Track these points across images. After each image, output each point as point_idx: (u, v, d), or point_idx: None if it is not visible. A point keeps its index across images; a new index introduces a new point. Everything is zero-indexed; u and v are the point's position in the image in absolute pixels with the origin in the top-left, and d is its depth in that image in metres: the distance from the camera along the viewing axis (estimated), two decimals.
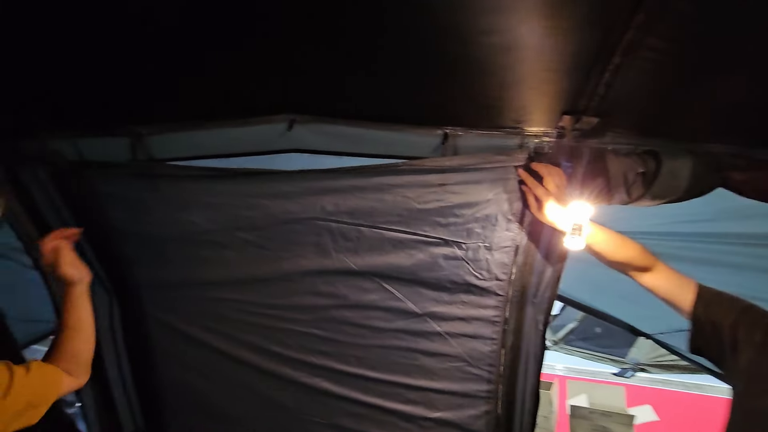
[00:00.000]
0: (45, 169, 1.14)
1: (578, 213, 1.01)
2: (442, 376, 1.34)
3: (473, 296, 1.26)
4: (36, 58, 0.89)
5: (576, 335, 4.75)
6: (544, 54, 0.86)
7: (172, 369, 1.44)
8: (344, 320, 1.30)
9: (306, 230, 1.19)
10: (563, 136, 1.03)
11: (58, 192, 1.18)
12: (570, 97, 0.96)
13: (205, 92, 1.04)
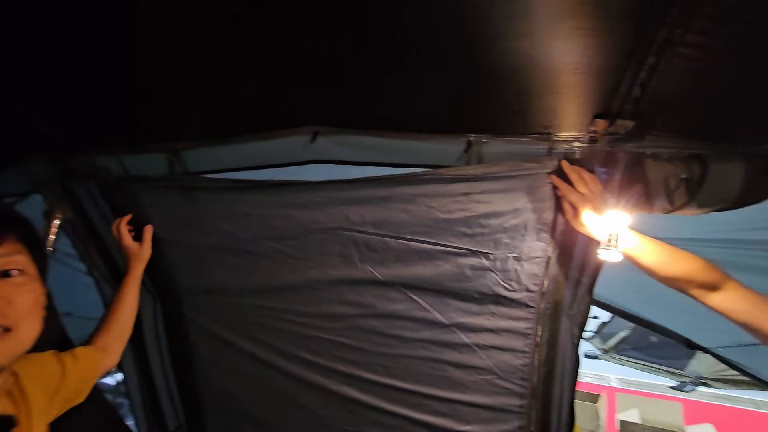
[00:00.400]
0: (95, 184, 1.23)
1: (614, 222, 0.95)
2: (472, 388, 1.31)
3: (503, 307, 1.22)
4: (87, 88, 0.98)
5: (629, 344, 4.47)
6: (573, 55, 0.82)
7: (210, 372, 1.51)
8: (371, 329, 1.30)
9: (332, 240, 1.20)
10: (596, 140, 0.97)
11: (107, 204, 1.28)
12: (602, 99, 0.90)
13: (233, 109, 1.08)
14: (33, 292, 0.72)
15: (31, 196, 1.27)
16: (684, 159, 0.92)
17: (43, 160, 1.21)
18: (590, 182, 0.98)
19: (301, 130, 1.10)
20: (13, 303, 0.67)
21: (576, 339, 1.28)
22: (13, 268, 0.69)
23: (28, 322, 0.70)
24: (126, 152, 1.19)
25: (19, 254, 0.71)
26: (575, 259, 1.15)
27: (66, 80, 0.96)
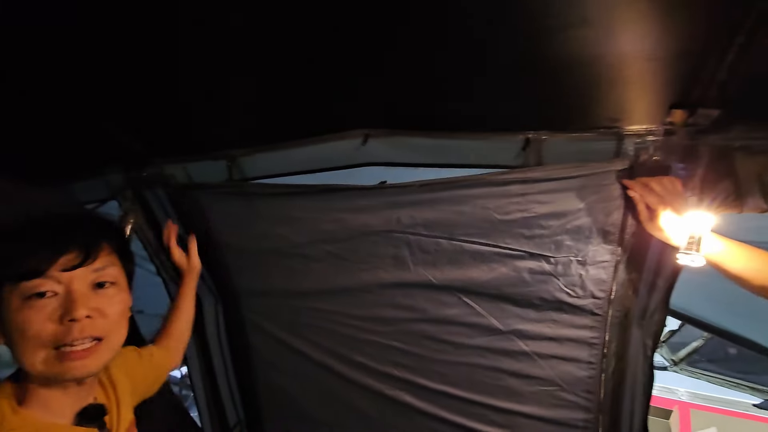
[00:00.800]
0: (162, 191, 1.31)
1: (696, 224, 0.85)
2: (531, 399, 1.24)
3: (565, 315, 1.15)
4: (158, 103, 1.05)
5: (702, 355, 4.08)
6: (645, 41, 0.75)
7: (268, 371, 1.56)
8: (424, 334, 1.27)
9: (384, 242, 1.19)
10: (673, 133, 0.88)
11: (173, 209, 1.35)
12: (680, 86, 0.82)
13: (286, 116, 1.11)
14: (122, 303, 0.76)
15: (107, 203, 1.37)
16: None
17: (119, 169, 1.31)
18: (668, 182, 0.89)
19: (352, 133, 1.10)
20: (106, 314, 0.71)
21: (649, 350, 1.17)
22: (107, 280, 0.73)
23: (117, 330, 0.74)
24: (190, 161, 1.26)
25: (113, 266, 0.75)
26: (648, 263, 1.05)
27: (142, 96, 1.04)
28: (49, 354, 0.66)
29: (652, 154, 0.92)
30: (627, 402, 1.23)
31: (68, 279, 0.68)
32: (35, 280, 0.65)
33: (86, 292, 0.70)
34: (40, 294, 0.66)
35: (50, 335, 0.65)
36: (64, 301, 0.67)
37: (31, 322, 0.65)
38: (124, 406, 0.85)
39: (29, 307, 0.65)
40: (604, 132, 0.93)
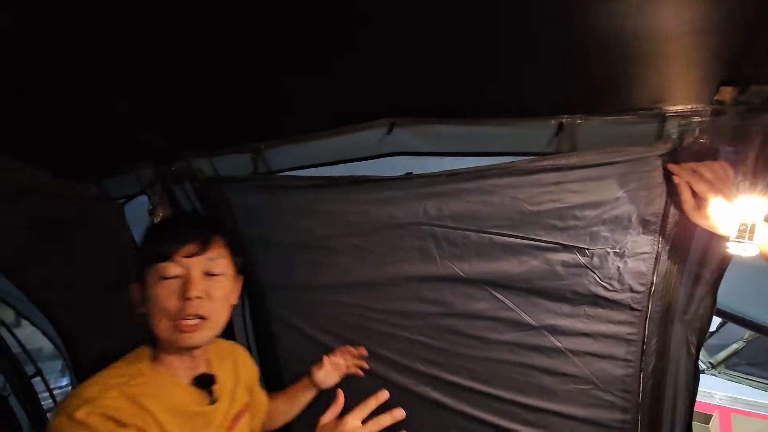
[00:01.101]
0: (190, 185, 1.33)
1: (748, 210, 0.79)
2: (565, 398, 1.19)
3: (601, 309, 1.09)
4: (185, 98, 1.06)
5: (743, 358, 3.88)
6: (690, 12, 0.70)
7: (292, 362, 1.55)
8: (452, 329, 1.24)
9: (410, 235, 1.17)
10: (722, 113, 0.82)
11: (200, 203, 1.37)
12: (730, 61, 0.76)
13: (310, 107, 1.10)
14: (226, 289, 0.94)
15: (137, 197, 1.40)
16: None
17: (148, 165, 1.34)
18: (719, 168, 0.83)
19: (377, 122, 1.09)
20: (213, 297, 0.89)
21: (694, 347, 1.11)
22: (218, 270, 0.91)
23: (220, 312, 0.92)
24: (216, 154, 1.27)
25: (223, 258, 0.93)
26: (693, 253, 0.99)
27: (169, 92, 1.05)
28: (169, 324, 0.85)
29: (698, 137, 0.86)
30: (668, 402, 1.16)
31: (188, 264, 0.87)
32: (165, 263, 0.86)
33: (200, 277, 0.88)
34: (168, 276, 0.86)
35: (172, 309, 0.85)
36: (184, 282, 0.86)
37: (160, 297, 0.85)
38: (240, 389, 1.06)
39: (160, 285, 0.86)
40: (645, 114, 0.88)
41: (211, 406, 0.93)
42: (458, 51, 0.86)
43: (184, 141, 1.27)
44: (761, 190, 0.81)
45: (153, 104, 1.10)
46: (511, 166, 0.99)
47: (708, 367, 4.92)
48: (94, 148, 1.30)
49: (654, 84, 0.84)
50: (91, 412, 0.74)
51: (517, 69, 0.88)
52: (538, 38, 0.79)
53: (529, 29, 0.77)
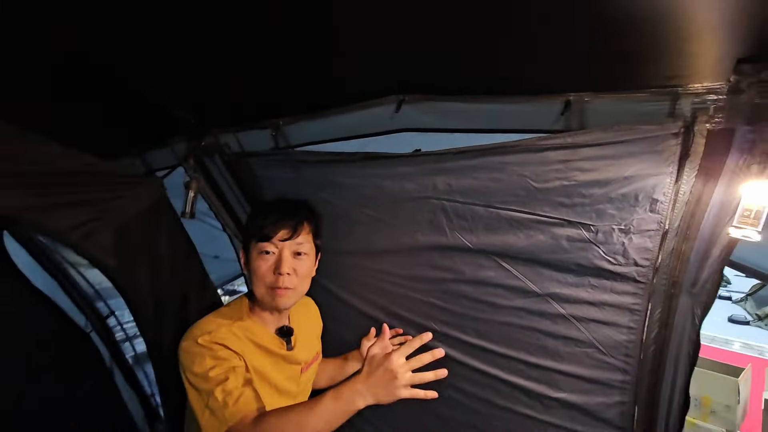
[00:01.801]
0: (220, 159, 1.43)
1: (755, 196, 0.77)
2: (567, 359, 1.26)
3: (605, 281, 1.12)
4: (209, 79, 1.14)
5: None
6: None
7: (325, 320, 1.72)
8: (462, 294, 1.32)
9: (422, 208, 1.22)
10: (739, 91, 0.77)
11: (230, 175, 1.48)
12: (748, 38, 0.71)
13: (323, 85, 1.13)
14: (309, 267, 1.19)
15: (176, 169, 1.54)
16: None
17: (182, 140, 1.45)
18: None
19: (387, 99, 1.11)
20: (298, 273, 1.13)
21: (698, 319, 1.12)
22: (302, 251, 1.15)
23: (304, 283, 1.18)
24: (240, 130, 1.35)
25: (308, 242, 1.17)
26: (702, 231, 0.98)
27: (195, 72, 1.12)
28: (266, 290, 1.11)
29: (712, 115, 0.82)
30: (670, 368, 1.21)
31: (281, 246, 1.12)
32: (265, 243, 1.10)
33: (289, 257, 1.12)
34: (267, 251, 1.11)
35: (268, 279, 1.10)
36: (278, 259, 1.11)
37: (260, 268, 1.10)
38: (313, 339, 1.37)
39: (261, 259, 1.11)
40: (657, 91, 0.85)
41: (289, 351, 1.20)
42: (466, 29, 0.85)
43: (211, 118, 1.36)
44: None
45: (183, 86, 1.19)
46: (518, 144, 1.00)
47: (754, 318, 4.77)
48: (136, 128, 1.42)
49: (666, 60, 0.80)
50: (210, 340, 1.04)
51: (526, 46, 0.86)
52: (547, 15, 0.76)
53: (539, 6, 0.74)
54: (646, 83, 0.84)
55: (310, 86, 1.16)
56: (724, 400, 3.10)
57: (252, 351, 1.11)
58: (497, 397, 1.41)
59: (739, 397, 3.07)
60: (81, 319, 2.18)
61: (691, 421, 3.24)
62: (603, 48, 0.82)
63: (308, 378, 1.31)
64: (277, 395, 1.16)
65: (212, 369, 1.00)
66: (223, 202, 1.58)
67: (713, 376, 3.16)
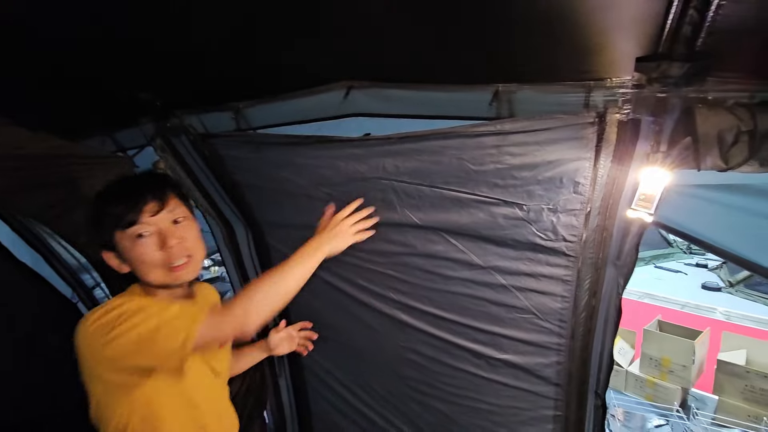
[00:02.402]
0: (186, 139, 1.49)
1: (650, 182, 0.86)
2: (510, 324, 1.39)
3: (540, 254, 1.23)
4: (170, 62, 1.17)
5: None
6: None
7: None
8: (415, 266, 1.43)
9: (374, 187, 1.30)
10: (641, 86, 0.85)
11: (197, 154, 1.54)
12: (648, 38, 0.78)
13: (279, 71, 1.18)
14: (194, 229, 1.07)
15: (145, 149, 1.59)
16: (750, 107, 0.77)
17: (149, 121, 1.50)
18: None
19: (337, 84, 1.16)
20: (187, 239, 1.02)
21: (621, 288, 1.25)
22: (180, 216, 1.03)
23: (199, 248, 1.06)
24: (203, 112, 1.40)
25: (180, 207, 1.05)
26: (621, 211, 1.08)
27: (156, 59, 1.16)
28: (162, 272, 0.99)
29: (621, 107, 0.90)
30: (599, 331, 1.34)
31: (155, 221, 0.98)
32: (135, 227, 0.96)
33: (170, 227, 1.00)
34: (140, 235, 0.97)
35: (159, 259, 0.98)
36: (159, 236, 0.98)
37: (144, 254, 0.97)
38: None
39: (139, 245, 0.97)
40: (574, 84, 0.92)
41: None
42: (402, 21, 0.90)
43: (176, 100, 1.41)
44: (670, 163, 0.86)
45: (147, 69, 1.23)
46: (454, 130, 1.07)
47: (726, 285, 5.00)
48: (105, 108, 1.47)
49: (580, 56, 0.87)
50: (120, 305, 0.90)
51: (461, 40, 0.92)
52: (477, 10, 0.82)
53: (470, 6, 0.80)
54: (565, 76, 0.91)
55: (265, 72, 1.21)
56: (681, 361, 3.34)
57: None
58: (450, 358, 1.55)
59: (695, 358, 3.31)
60: (67, 291, 2.28)
61: (650, 380, 3.49)
62: (526, 43, 0.88)
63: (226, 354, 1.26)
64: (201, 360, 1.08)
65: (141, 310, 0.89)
66: (194, 180, 1.64)
67: (672, 338, 3.38)
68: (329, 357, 1.89)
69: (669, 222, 1.58)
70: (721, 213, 1.60)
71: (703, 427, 2.84)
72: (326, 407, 2.01)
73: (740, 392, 3.08)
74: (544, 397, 1.45)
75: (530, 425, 1.52)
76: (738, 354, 3.26)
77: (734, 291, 4.64)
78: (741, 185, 1.28)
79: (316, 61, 1.12)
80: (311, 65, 1.14)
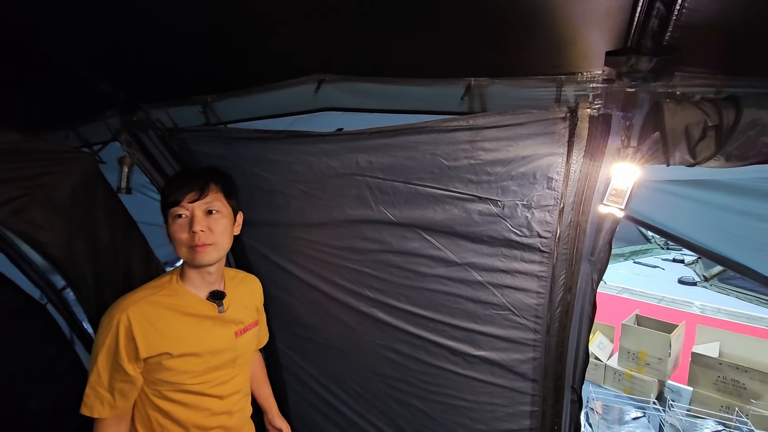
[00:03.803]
0: (154, 133, 1.44)
1: (621, 177, 0.86)
2: (486, 321, 1.38)
3: (515, 251, 1.22)
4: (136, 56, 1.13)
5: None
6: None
7: (269, 285, 1.79)
8: (391, 263, 1.41)
9: (348, 184, 1.28)
10: (611, 80, 0.84)
11: (166, 150, 1.49)
12: (617, 32, 0.77)
13: (249, 63, 1.14)
14: (224, 224, 1.19)
15: (111, 144, 1.53)
16: (717, 102, 0.77)
17: (114, 114, 1.44)
18: None
19: (308, 78, 1.13)
20: (213, 230, 1.16)
21: (595, 284, 1.25)
22: (214, 209, 1.17)
23: (222, 239, 1.20)
24: (170, 106, 1.35)
25: (218, 201, 1.19)
26: (594, 208, 1.07)
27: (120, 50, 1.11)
28: (186, 250, 1.15)
29: (591, 102, 0.89)
30: (575, 326, 1.34)
31: (192, 207, 1.15)
32: (176, 207, 1.14)
33: (201, 216, 1.15)
34: (179, 215, 1.14)
35: (186, 239, 1.14)
36: (190, 219, 1.14)
37: (176, 232, 1.14)
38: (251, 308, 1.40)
39: (176, 223, 1.15)
40: (545, 79, 0.91)
41: (221, 314, 1.24)
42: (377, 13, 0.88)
43: (141, 94, 1.35)
44: (640, 158, 0.86)
45: (111, 61, 1.18)
46: (426, 125, 1.05)
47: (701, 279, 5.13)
48: (67, 101, 1.40)
49: (553, 49, 0.86)
50: (116, 315, 1.09)
51: (428, 33, 0.90)
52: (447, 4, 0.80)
53: None
54: (536, 71, 0.90)
55: (235, 64, 1.17)
56: (657, 354, 3.41)
57: (174, 319, 1.15)
58: (427, 355, 1.53)
59: (671, 351, 3.38)
60: (35, 293, 2.19)
61: (628, 373, 3.56)
62: (498, 38, 0.87)
63: (245, 343, 1.33)
64: (211, 357, 1.20)
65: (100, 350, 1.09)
66: (164, 176, 1.59)
67: (649, 332, 3.45)
68: (307, 356, 1.86)
69: (643, 218, 1.59)
70: (692, 208, 1.63)
71: (678, 419, 2.91)
72: (305, 407, 1.98)
73: (713, 383, 3.16)
74: (521, 392, 1.45)
75: (507, 421, 1.52)
76: (711, 346, 3.35)
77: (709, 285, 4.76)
78: (710, 181, 1.30)
79: (286, 53, 1.09)
80: (281, 57, 1.10)
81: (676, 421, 2.92)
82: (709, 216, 1.63)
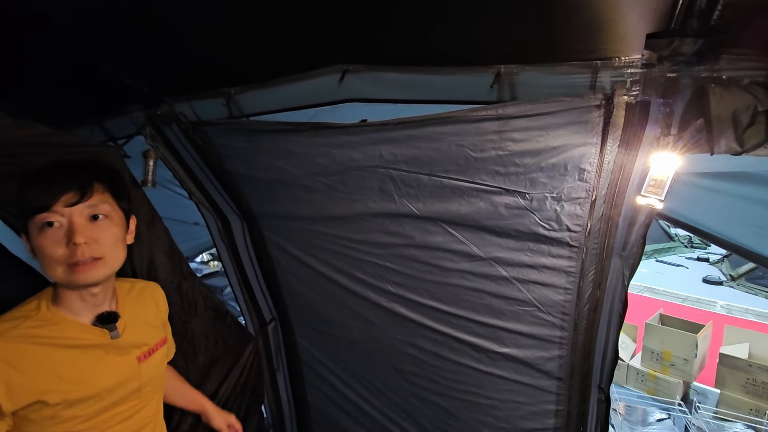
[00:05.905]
0: (177, 127, 1.44)
1: (661, 167, 0.82)
2: (511, 317, 1.35)
3: (543, 245, 1.19)
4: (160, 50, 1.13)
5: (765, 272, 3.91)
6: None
7: (288, 279, 1.80)
8: (413, 258, 1.39)
9: (371, 176, 1.26)
10: (651, 65, 0.80)
11: (189, 143, 1.50)
12: (660, 12, 0.73)
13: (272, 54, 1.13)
14: (113, 232, 0.91)
15: (136, 138, 1.54)
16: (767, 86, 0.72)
17: (138, 109, 1.45)
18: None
19: (332, 69, 1.12)
20: (100, 241, 0.88)
21: (627, 280, 1.21)
22: (100, 214, 0.89)
23: (113, 253, 0.91)
24: (193, 99, 1.35)
25: (106, 203, 0.91)
26: (627, 199, 1.03)
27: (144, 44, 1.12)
28: (63, 270, 0.85)
29: (629, 88, 0.85)
30: (603, 324, 1.30)
31: (69, 213, 0.85)
32: (44, 213, 0.83)
33: (84, 224, 0.86)
34: (49, 223, 0.84)
35: (62, 256, 0.84)
36: (68, 230, 0.85)
37: (46, 246, 0.84)
38: (156, 325, 1.09)
39: (44, 235, 0.84)
40: (579, 65, 0.87)
41: (114, 340, 0.95)
42: None
43: (164, 88, 1.36)
44: (681, 147, 0.82)
45: (133, 55, 1.18)
46: (452, 115, 1.03)
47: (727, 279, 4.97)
48: (93, 96, 1.42)
49: (589, 34, 0.82)
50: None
51: (459, 20, 0.87)
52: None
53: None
54: (570, 57, 0.86)
55: (258, 56, 1.16)
56: (683, 354, 3.31)
57: (47, 356, 0.86)
58: (449, 352, 1.51)
59: (697, 352, 3.27)
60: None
61: (651, 374, 3.46)
62: (528, 22, 0.84)
63: (152, 368, 1.04)
64: (107, 395, 0.93)
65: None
66: (187, 170, 1.60)
67: (674, 332, 3.35)
68: (327, 351, 1.85)
69: (672, 213, 1.53)
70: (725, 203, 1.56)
71: (704, 421, 2.82)
72: (324, 402, 1.98)
73: (742, 386, 3.05)
74: (546, 391, 1.42)
75: (531, 420, 1.48)
76: (740, 347, 3.23)
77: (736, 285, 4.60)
78: (746, 173, 1.24)
79: (310, 44, 1.07)
80: (304, 48, 1.09)
81: (703, 423, 2.83)
82: (743, 210, 1.56)
